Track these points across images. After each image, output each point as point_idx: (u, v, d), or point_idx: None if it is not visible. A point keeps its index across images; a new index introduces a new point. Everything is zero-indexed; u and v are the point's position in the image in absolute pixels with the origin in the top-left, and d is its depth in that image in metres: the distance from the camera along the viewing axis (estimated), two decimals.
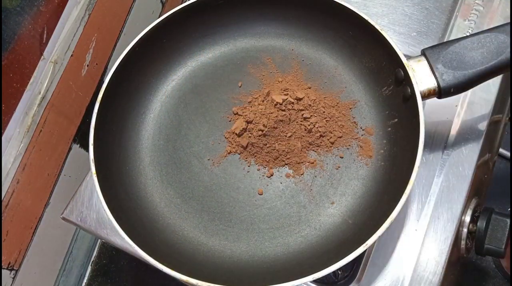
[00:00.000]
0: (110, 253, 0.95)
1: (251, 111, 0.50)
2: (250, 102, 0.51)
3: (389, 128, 0.48)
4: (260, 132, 0.48)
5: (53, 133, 0.68)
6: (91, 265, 0.94)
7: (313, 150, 0.49)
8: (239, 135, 0.50)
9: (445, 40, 0.59)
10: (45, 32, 0.62)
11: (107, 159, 0.48)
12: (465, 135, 0.54)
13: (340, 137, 0.49)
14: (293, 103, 0.49)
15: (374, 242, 0.40)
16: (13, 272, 0.67)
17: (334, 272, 0.52)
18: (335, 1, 0.49)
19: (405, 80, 0.45)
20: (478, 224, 0.50)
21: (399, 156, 0.46)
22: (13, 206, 0.64)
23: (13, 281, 0.67)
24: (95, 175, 0.44)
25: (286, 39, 0.55)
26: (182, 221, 0.48)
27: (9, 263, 0.66)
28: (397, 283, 0.49)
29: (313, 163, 0.49)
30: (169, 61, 0.55)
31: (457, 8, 0.60)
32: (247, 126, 0.49)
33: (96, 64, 0.75)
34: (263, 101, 0.50)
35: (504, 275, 0.91)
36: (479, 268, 0.91)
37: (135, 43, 0.50)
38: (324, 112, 0.49)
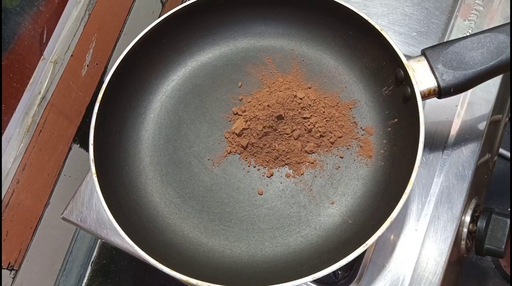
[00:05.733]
0: (110, 253, 0.95)
1: (251, 111, 0.50)
2: (250, 102, 0.51)
3: (389, 128, 0.48)
4: (260, 132, 0.48)
5: (53, 133, 0.68)
6: (91, 265, 0.94)
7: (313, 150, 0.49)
8: (239, 135, 0.50)
9: (445, 40, 0.59)
10: (45, 32, 0.62)
11: (107, 159, 0.48)
12: (465, 135, 0.54)
13: (340, 137, 0.49)
14: (293, 103, 0.49)
15: (374, 242, 0.40)
16: (13, 272, 0.67)
17: (334, 272, 0.52)
18: (335, 1, 0.49)
19: (405, 80, 0.45)
20: (478, 224, 0.50)
21: (399, 156, 0.46)
22: (13, 206, 0.64)
23: (13, 281, 0.67)
24: (95, 175, 0.44)
25: (286, 39, 0.55)
26: (182, 221, 0.48)
27: (9, 263, 0.66)
28: (397, 283, 0.49)
29: (313, 163, 0.49)
30: (169, 61, 0.55)
31: (457, 8, 0.60)
32: (247, 126, 0.49)
33: (96, 64, 0.75)
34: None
35: (504, 275, 0.91)
36: (479, 268, 0.91)
37: (135, 43, 0.50)
38: (324, 112, 0.49)
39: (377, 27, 0.47)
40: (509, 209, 0.93)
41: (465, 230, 0.51)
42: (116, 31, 0.78)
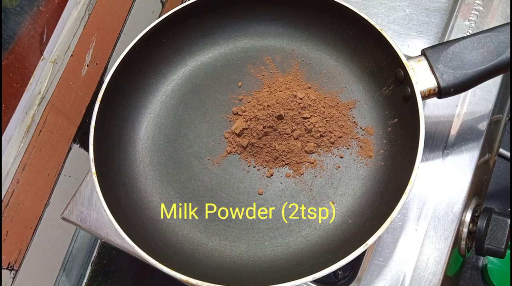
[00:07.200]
0: (110, 253, 0.95)
1: (251, 111, 0.50)
2: (250, 102, 0.51)
3: (389, 128, 0.48)
4: (260, 132, 0.48)
5: (53, 133, 0.68)
6: (91, 265, 0.93)
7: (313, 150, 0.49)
8: (239, 135, 0.50)
9: (445, 40, 0.59)
10: (45, 32, 0.62)
11: (107, 159, 0.48)
12: (465, 135, 0.54)
13: (340, 137, 0.49)
14: (293, 103, 0.49)
15: (374, 242, 0.40)
16: (13, 272, 0.67)
17: (334, 272, 0.52)
18: (335, 1, 0.49)
19: (405, 80, 0.45)
20: (478, 224, 0.50)
21: (399, 156, 0.46)
22: (13, 206, 0.64)
23: (13, 281, 0.67)
24: (95, 175, 0.44)
25: (286, 39, 0.55)
26: (182, 221, 0.48)
27: (9, 263, 0.66)
28: (397, 283, 0.49)
29: (313, 163, 0.49)
30: (169, 61, 0.55)
31: (457, 8, 0.60)
32: (247, 126, 0.49)
33: (96, 64, 0.75)
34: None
35: None
36: (479, 268, 0.91)
37: (135, 43, 0.50)
38: (324, 112, 0.49)
39: (377, 27, 0.47)
40: (509, 209, 0.93)
41: (465, 230, 0.51)
42: (116, 31, 0.78)
